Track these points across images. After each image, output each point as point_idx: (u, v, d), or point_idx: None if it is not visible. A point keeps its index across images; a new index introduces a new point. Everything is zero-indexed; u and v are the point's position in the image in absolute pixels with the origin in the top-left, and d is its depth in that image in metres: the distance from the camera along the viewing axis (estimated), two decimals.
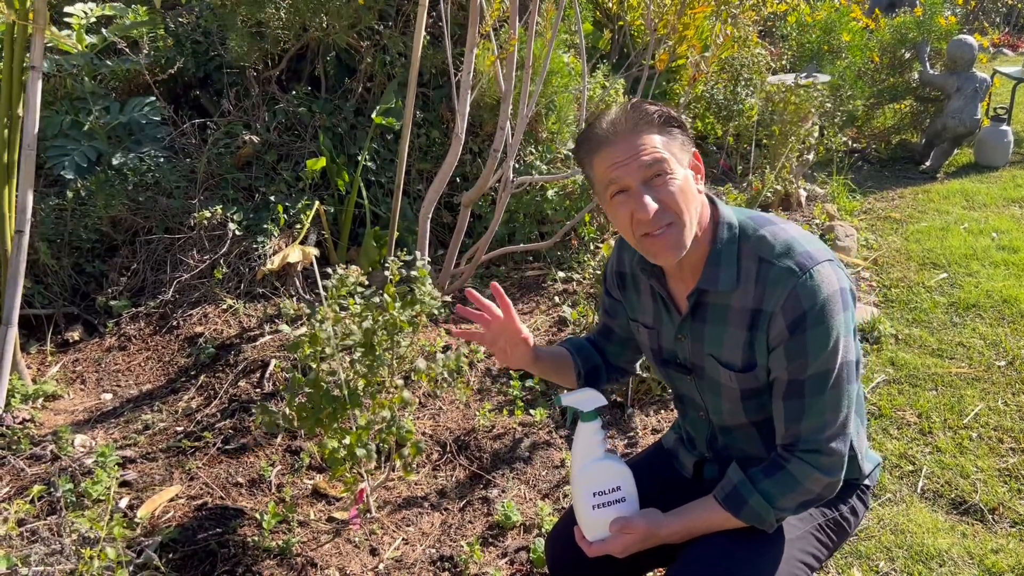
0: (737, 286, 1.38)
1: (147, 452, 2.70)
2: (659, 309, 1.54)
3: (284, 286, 3.60)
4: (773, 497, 1.38)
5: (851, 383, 1.36)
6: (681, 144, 1.36)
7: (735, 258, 1.38)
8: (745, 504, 1.39)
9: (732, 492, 1.41)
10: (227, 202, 3.77)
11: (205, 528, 2.36)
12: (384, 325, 2.19)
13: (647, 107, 1.36)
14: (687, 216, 1.35)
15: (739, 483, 1.41)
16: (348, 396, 2.24)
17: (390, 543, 2.38)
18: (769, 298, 1.33)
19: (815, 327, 1.31)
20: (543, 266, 4.10)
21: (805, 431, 1.36)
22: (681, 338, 1.49)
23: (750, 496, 1.39)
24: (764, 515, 1.39)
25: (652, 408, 3.05)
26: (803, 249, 1.34)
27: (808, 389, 1.34)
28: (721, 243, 1.39)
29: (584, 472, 1.42)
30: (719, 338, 1.43)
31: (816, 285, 1.31)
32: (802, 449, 1.37)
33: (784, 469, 1.37)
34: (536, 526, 2.42)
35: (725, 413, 1.50)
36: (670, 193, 1.32)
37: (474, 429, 2.85)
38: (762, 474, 1.40)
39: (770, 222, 1.41)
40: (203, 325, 3.39)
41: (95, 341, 3.41)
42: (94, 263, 3.66)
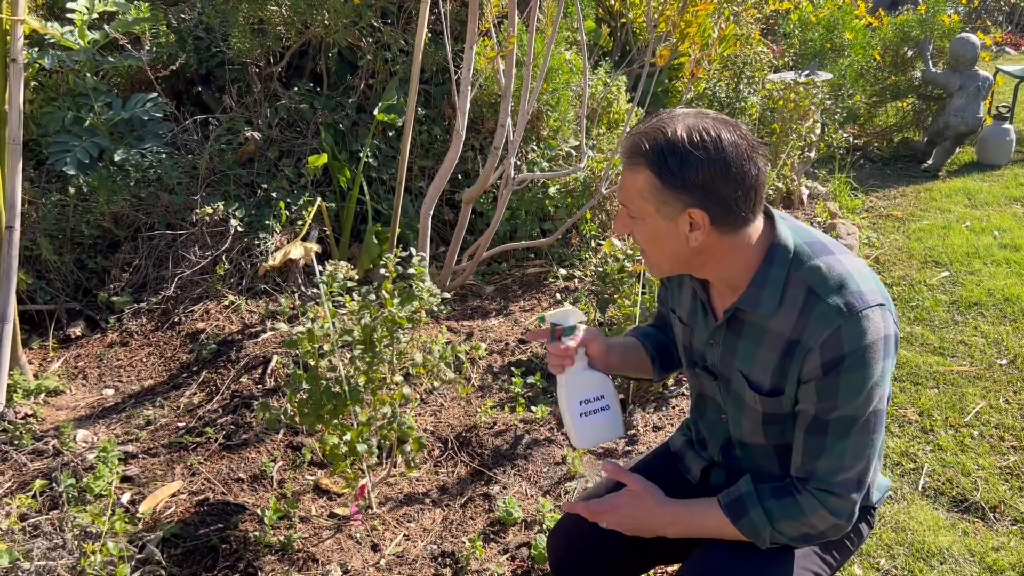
0: (778, 311, 1.33)
1: (149, 448, 2.70)
2: (696, 308, 1.51)
3: (286, 282, 3.60)
4: (775, 518, 1.36)
5: (878, 432, 1.32)
6: (673, 196, 1.28)
7: (782, 283, 1.32)
8: (746, 514, 1.38)
9: (737, 499, 1.40)
10: (229, 198, 3.77)
11: (206, 523, 2.37)
12: (383, 322, 2.19)
13: (646, 143, 1.28)
14: (654, 259, 1.39)
15: (746, 493, 1.39)
16: (348, 392, 2.25)
17: (391, 539, 2.38)
18: (811, 333, 1.28)
19: (852, 372, 1.26)
20: (545, 263, 4.10)
21: (821, 469, 1.33)
22: (713, 344, 1.46)
23: (752, 508, 1.37)
24: (760, 530, 1.37)
25: (653, 405, 3.05)
26: (856, 288, 1.28)
27: (832, 429, 1.31)
28: (770, 265, 1.33)
29: (570, 382, 1.52)
30: (751, 356, 1.39)
31: (862, 329, 1.26)
32: (813, 486, 1.34)
33: (794, 497, 1.35)
34: (537, 522, 2.42)
35: (745, 430, 1.47)
36: (636, 234, 1.36)
37: (475, 426, 2.85)
38: (771, 493, 1.38)
39: (829, 252, 1.34)
40: (205, 321, 3.39)
41: (97, 337, 3.42)
42: (96, 259, 3.67)
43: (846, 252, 1.37)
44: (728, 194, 1.26)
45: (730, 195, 1.27)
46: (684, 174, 1.25)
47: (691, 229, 1.30)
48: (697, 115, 1.29)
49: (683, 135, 1.25)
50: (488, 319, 3.65)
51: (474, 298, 3.87)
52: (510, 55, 3.07)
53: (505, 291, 3.92)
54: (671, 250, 1.34)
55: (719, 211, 1.28)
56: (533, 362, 3.24)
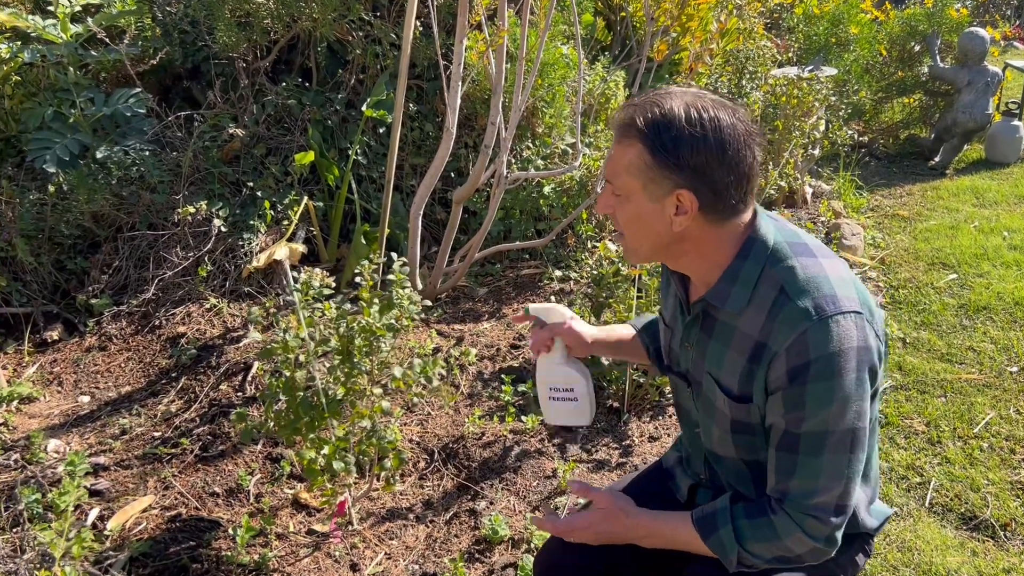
0: (746, 310, 1.27)
1: (122, 459, 2.59)
2: (676, 309, 1.44)
3: (271, 284, 3.49)
4: (745, 538, 1.29)
5: (856, 452, 1.24)
6: (662, 174, 1.21)
7: (753, 280, 1.26)
8: (715, 532, 1.31)
9: (709, 516, 1.33)
10: (213, 197, 3.65)
11: (178, 541, 2.26)
12: (360, 331, 2.07)
13: (640, 116, 1.22)
14: (633, 243, 1.32)
15: (720, 510, 1.33)
16: (326, 405, 2.13)
17: (372, 558, 2.27)
18: (777, 335, 1.22)
19: (818, 381, 1.19)
20: (539, 264, 3.98)
21: (794, 490, 1.25)
22: (688, 346, 1.40)
23: (723, 526, 1.30)
24: (728, 551, 1.30)
25: (649, 414, 2.93)
26: (830, 292, 1.21)
27: (804, 446, 1.23)
28: (744, 260, 1.27)
29: (543, 370, 1.62)
30: (720, 358, 1.33)
31: (830, 335, 1.18)
32: (789, 507, 1.26)
33: (768, 518, 1.28)
34: (525, 541, 2.30)
35: (715, 439, 1.40)
36: (620, 214, 1.30)
37: (463, 436, 2.74)
38: (744, 512, 1.31)
39: (808, 252, 1.27)
40: (186, 325, 3.28)
41: (75, 341, 3.31)
42: (75, 260, 3.55)
43: (830, 256, 1.29)
44: (721, 178, 1.20)
45: (723, 180, 1.21)
46: (678, 152, 1.19)
47: (677, 212, 1.23)
48: (695, 94, 1.24)
49: (680, 111, 1.20)
50: (480, 322, 3.53)
51: (466, 300, 3.75)
52: (500, 48, 2.95)
53: (498, 293, 3.81)
54: (653, 233, 1.27)
55: (709, 196, 1.22)
56: (525, 369, 3.12)
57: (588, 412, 1.65)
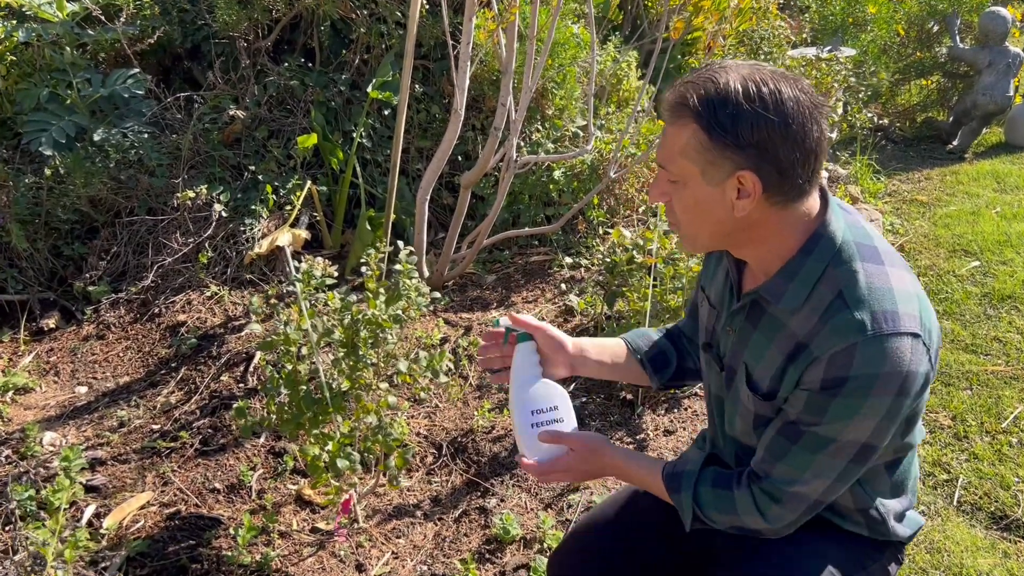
0: (800, 310, 1.18)
1: (119, 453, 2.50)
2: (725, 290, 1.35)
3: (273, 272, 3.39)
4: (704, 504, 1.30)
5: (858, 463, 1.19)
6: (721, 155, 1.11)
7: (813, 280, 1.17)
8: (678, 492, 1.33)
9: (676, 474, 1.34)
10: (213, 181, 3.55)
11: (177, 540, 2.17)
12: (365, 323, 1.97)
13: (693, 94, 1.12)
14: (691, 231, 1.23)
15: (687, 472, 1.33)
16: (330, 399, 2.04)
17: (378, 557, 2.19)
18: (823, 341, 1.13)
19: (847, 397, 1.12)
20: (549, 251, 3.87)
21: (776, 473, 1.23)
22: (730, 331, 1.32)
23: (685, 490, 1.31)
24: (684, 513, 1.32)
25: (664, 407, 2.83)
26: (891, 308, 1.11)
27: (804, 440, 1.18)
28: (807, 256, 1.18)
29: (521, 391, 1.40)
30: (760, 352, 1.25)
31: (878, 355, 1.10)
32: (762, 487, 1.24)
33: (732, 491, 1.27)
34: (537, 540, 2.21)
35: (739, 430, 1.35)
36: (676, 201, 1.21)
37: (472, 430, 2.64)
38: (711, 479, 1.31)
39: (876, 258, 1.17)
40: (186, 313, 3.19)
41: (72, 329, 3.21)
42: (72, 245, 3.46)
43: (899, 266, 1.19)
44: (785, 156, 1.10)
45: (787, 158, 1.11)
46: (737, 130, 1.09)
47: (739, 196, 1.14)
48: (752, 66, 1.14)
49: (737, 86, 1.10)
50: (488, 311, 3.43)
51: (474, 288, 3.65)
52: (511, 27, 2.83)
53: (507, 280, 3.70)
54: (713, 221, 1.18)
55: (773, 176, 1.12)
56: None
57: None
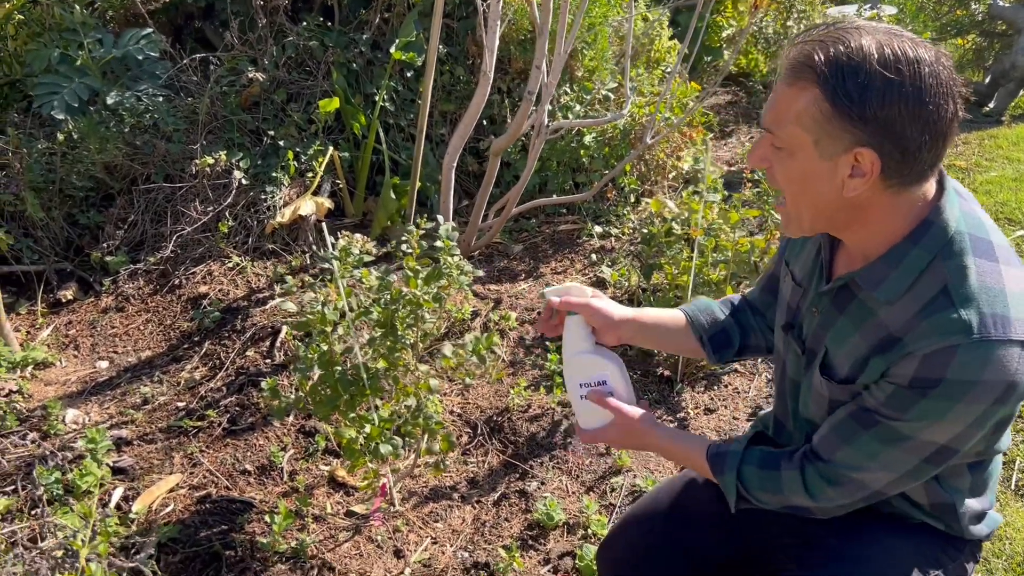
0: (897, 301, 1.07)
1: (145, 432, 2.42)
2: (815, 268, 1.25)
3: (296, 242, 3.28)
4: (750, 485, 1.25)
5: (932, 464, 1.10)
6: (842, 127, 0.99)
7: (918, 270, 1.06)
8: (722, 473, 1.27)
9: (721, 454, 1.28)
10: (232, 147, 3.42)
11: (208, 525, 2.10)
12: (406, 303, 1.87)
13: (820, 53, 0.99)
14: (792, 208, 1.12)
15: (731, 454, 1.27)
16: (368, 381, 1.94)
17: (417, 543, 2.11)
18: (919, 337, 1.03)
19: (938, 399, 1.02)
20: (578, 219, 3.75)
21: (840, 457, 1.15)
22: (815, 311, 1.23)
23: (728, 471, 1.26)
24: (728, 493, 1.27)
25: (703, 384, 2.74)
26: (1002, 312, 1.00)
27: (878, 430, 1.10)
28: (914, 244, 1.07)
29: (570, 363, 1.40)
30: (844, 338, 1.16)
31: (982, 362, 0.99)
32: (819, 468, 1.17)
33: (778, 471, 1.22)
34: (581, 526, 2.13)
35: (813, 413, 1.27)
36: (778, 170, 1.10)
37: (507, 408, 2.55)
38: (757, 459, 1.25)
39: (990, 254, 1.05)
40: (207, 284, 3.09)
41: (90, 301, 3.12)
42: (88, 214, 3.35)
43: (1016, 265, 1.07)
44: (913, 136, 0.99)
45: (915, 138, 0.99)
46: (864, 101, 0.97)
47: (852, 174, 1.03)
48: (888, 30, 1.02)
49: (872, 50, 0.98)
50: (517, 282, 3.32)
51: (501, 258, 3.54)
52: None
53: (535, 250, 3.59)
54: (819, 198, 1.07)
55: (895, 157, 1.00)
56: None
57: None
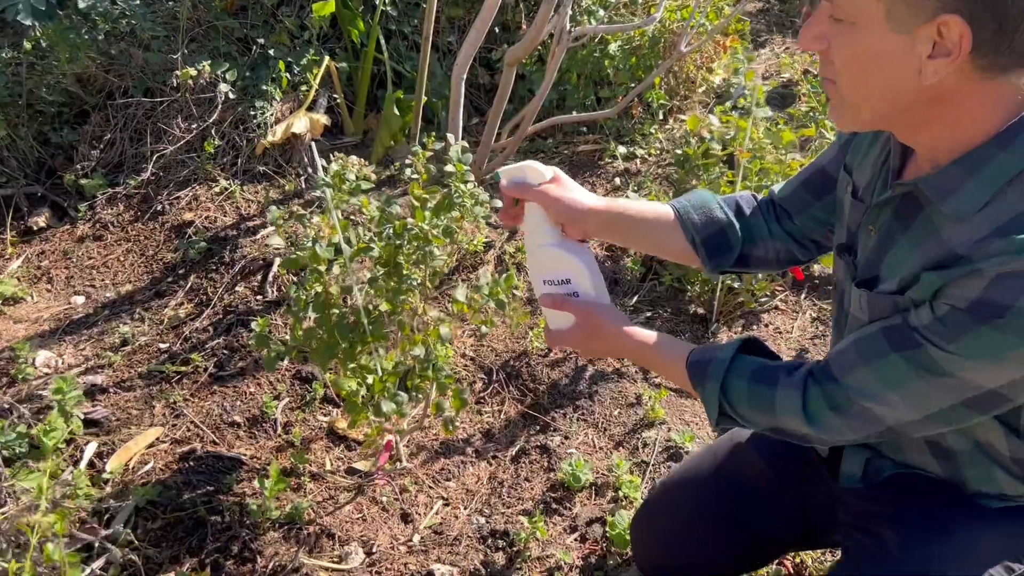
0: (969, 218, 0.86)
1: (123, 378, 2.18)
2: (878, 177, 1.04)
3: (289, 163, 2.97)
4: (735, 399, 1.06)
5: (973, 411, 0.90)
6: None
7: (1002, 180, 0.85)
8: (703, 383, 1.09)
9: (702, 362, 1.09)
10: (217, 57, 3.08)
11: (192, 485, 1.87)
12: (412, 238, 1.59)
13: None
14: (852, 95, 0.89)
15: (717, 359, 1.08)
16: (370, 326, 1.68)
17: (427, 504, 1.89)
18: (990, 253, 0.82)
19: (1000, 331, 0.82)
20: (599, 139, 3.42)
21: (853, 379, 0.95)
22: (871, 230, 1.02)
23: (712, 379, 1.07)
24: (709, 409, 1.09)
25: (740, 323, 2.48)
26: None
27: (914, 354, 0.89)
28: (1000, 148, 0.85)
29: (531, 258, 1.23)
30: (899, 262, 0.95)
31: None
32: (825, 389, 0.98)
33: (773, 388, 1.02)
34: (610, 487, 1.90)
35: None
36: (837, 50, 0.87)
37: (526, 352, 2.30)
38: (749, 371, 1.06)
39: None
40: (193, 211, 2.80)
41: (65, 228, 2.84)
42: (61, 132, 3.04)
43: None
44: (1016, 2, 0.77)
45: (1017, 5, 0.77)
46: None
47: (934, 53, 0.81)
48: None
49: None
50: None
51: None
52: None
53: None
54: (887, 85, 0.85)
55: (989, 28, 0.78)
56: None
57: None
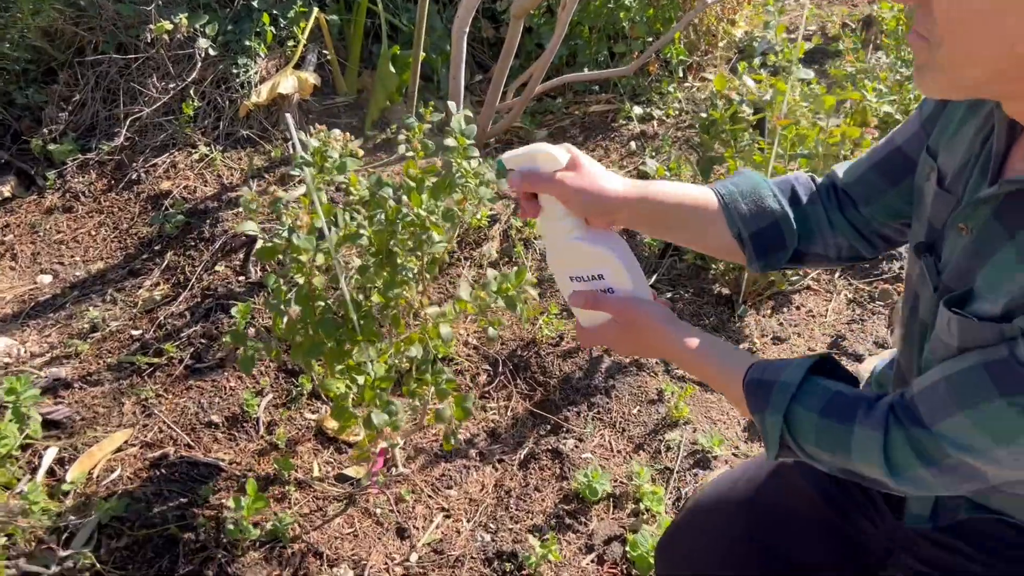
0: None
1: (90, 371, 1.97)
2: (971, 165, 0.84)
3: (275, 126, 2.73)
4: (800, 432, 0.85)
5: None
6: None
7: None
8: (762, 409, 0.87)
9: (764, 383, 0.88)
10: (196, 9, 2.80)
11: (164, 497, 1.67)
12: (406, 225, 1.36)
13: None
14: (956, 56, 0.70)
15: (782, 383, 0.86)
16: (359, 324, 1.47)
17: (425, 517, 1.69)
18: None
19: None
20: (613, 98, 3.16)
21: (948, 426, 0.77)
22: (963, 229, 0.82)
23: (774, 408, 0.86)
24: (769, 442, 0.88)
25: (770, 306, 2.26)
26: None
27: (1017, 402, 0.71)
28: None
29: (552, 255, 1.03)
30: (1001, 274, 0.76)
31: None
32: (911, 434, 0.79)
33: (849, 424, 0.82)
34: (630, 498, 1.71)
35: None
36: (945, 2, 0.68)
37: (535, 341, 2.09)
38: (820, 401, 0.85)
39: None
40: (171, 179, 2.57)
41: (32, 199, 2.61)
42: (27, 91, 2.78)
43: None
44: None
45: None
46: None
47: None
48: None
49: None
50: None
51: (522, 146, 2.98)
52: None
53: (562, 136, 3.02)
54: (1000, 43, 0.67)
55: None
56: None
57: None
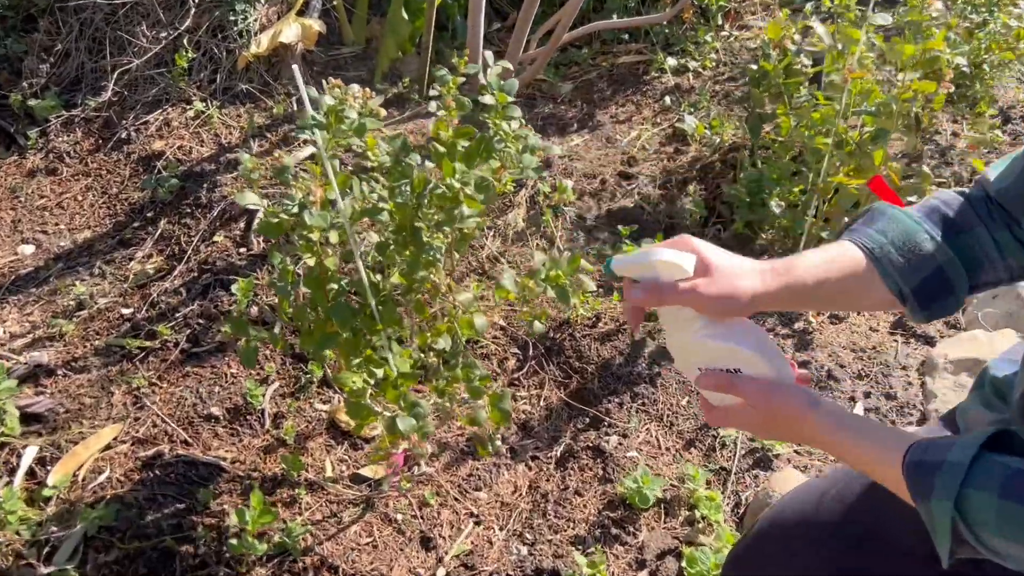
0: None
1: (75, 356, 1.77)
2: None
3: (277, 79, 2.49)
4: (977, 519, 0.68)
5: None
6: None
7: None
8: (927, 497, 0.71)
9: (929, 464, 0.72)
10: None
11: (158, 503, 1.49)
12: (435, 199, 1.15)
13: None
14: None
15: (951, 462, 0.71)
16: (379, 311, 1.26)
17: (452, 524, 1.51)
18: None
19: None
20: (644, 48, 2.90)
21: None
22: None
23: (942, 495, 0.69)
24: (938, 533, 0.71)
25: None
26: None
27: None
28: None
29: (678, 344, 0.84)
30: None
31: None
32: None
33: None
34: (683, 503, 1.52)
35: None
36: None
37: (568, 322, 1.88)
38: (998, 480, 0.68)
39: None
40: (163, 139, 2.34)
41: (13, 160, 2.38)
42: (5, 41, 2.54)
43: None
44: None
45: None
46: None
47: None
48: None
49: None
50: (568, 134, 2.55)
51: (545, 101, 2.74)
52: None
53: (588, 89, 2.78)
54: None
55: None
56: (641, 210, 2.20)
57: None
